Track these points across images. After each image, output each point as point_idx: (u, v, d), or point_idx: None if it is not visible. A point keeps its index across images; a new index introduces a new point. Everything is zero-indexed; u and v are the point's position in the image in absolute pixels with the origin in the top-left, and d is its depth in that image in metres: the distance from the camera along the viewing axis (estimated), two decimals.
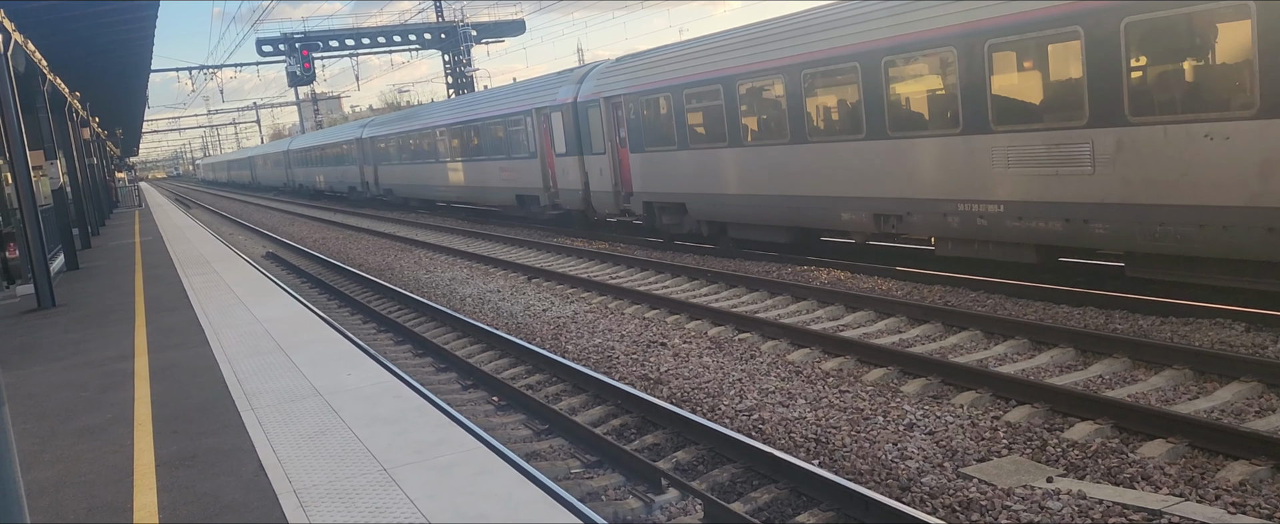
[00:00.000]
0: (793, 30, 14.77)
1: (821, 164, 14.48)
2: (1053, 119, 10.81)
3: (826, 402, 8.75)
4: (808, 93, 14.46)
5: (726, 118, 16.42)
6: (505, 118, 25.82)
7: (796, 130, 14.82)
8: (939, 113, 12.30)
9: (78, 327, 12.23)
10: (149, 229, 30.90)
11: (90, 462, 6.29)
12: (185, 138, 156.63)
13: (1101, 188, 10.37)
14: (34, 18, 15.59)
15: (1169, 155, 9.61)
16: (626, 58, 20.85)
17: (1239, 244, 9.19)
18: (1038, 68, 10.96)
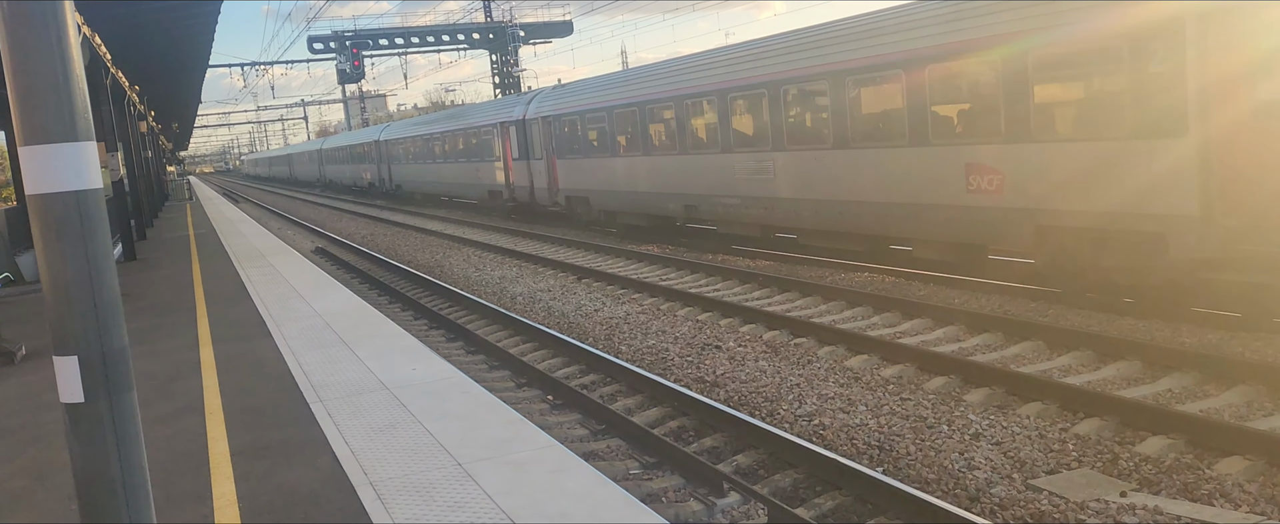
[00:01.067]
0: (643, 78, 21.74)
1: (657, 171, 20.85)
2: (757, 145, 17.20)
3: (888, 409, 8.68)
4: (650, 121, 20.94)
5: (609, 136, 22.78)
6: (480, 129, 31.96)
7: (646, 147, 21.14)
8: (709, 138, 18.77)
9: (140, 317, 12.41)
10: (201, 222, 31.35)
11: (165, 449, 6.38)
12: (233, 133, 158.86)
13: (777, 189, 16.80)
14: (102, 13, 15.87)
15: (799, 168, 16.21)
16: (558, 88, 27.58)
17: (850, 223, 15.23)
18: (752, 113, 17.33)
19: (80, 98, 2.88)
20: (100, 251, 2.98)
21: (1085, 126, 11.12)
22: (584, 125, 23.99)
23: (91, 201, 2.93)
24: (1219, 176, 9.78)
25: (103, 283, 2.99)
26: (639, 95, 21.26)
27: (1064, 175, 11.38)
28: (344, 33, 50.52)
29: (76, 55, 2.86)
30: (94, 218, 2.94)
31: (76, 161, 2.85)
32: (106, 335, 2.98)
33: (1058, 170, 11.44)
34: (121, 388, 3.02)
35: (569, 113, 24.87)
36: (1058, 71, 11.45)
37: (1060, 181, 11.44)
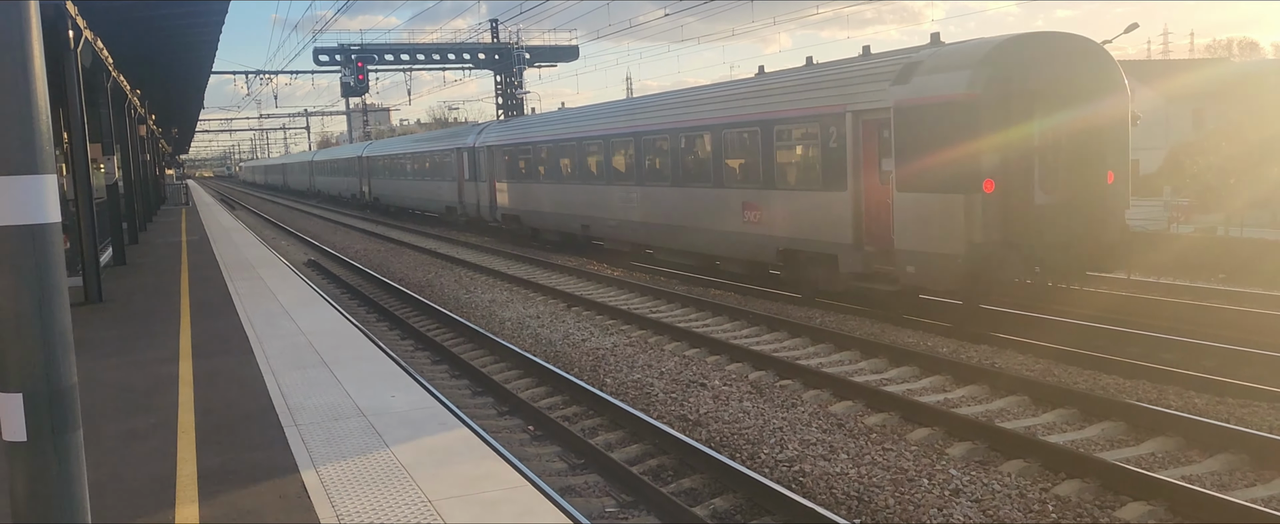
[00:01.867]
0: (556, 121, 26.65)
1: (564, 197, 25.26)
2: (626, 181, 21.60)
3: (870, 458, 8.60)
4: (560, 156, 25.35)
5: (533, 166, 27.29)
6: (442, 152, 36.67)
7: (558, 177, 25.59)
8: (598, 173, 23.14)
9: (124, 324, 12.32)
10: (195, 228, 31.26)
11: (134, 467, 6.29)
12: (235, 139, 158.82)
13: (638, 215, 21.13)
14: (105, 16, 15.86)
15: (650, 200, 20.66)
16: (500, 122, 34.61)
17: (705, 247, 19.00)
18: (623, 156, 21.87)
19: (43, 131, 2.83)
20: (53, 287, 2.91)
21: (800, 181, 16.01)
22: (516, 155, 28.72)
23: (47, 236, 2.86)
24: (863, 218, 14.63)
25: (53, 319, 2.92)
26: (552, 135, 26.15)
27: (790, 213, 16.24)
28: (350, 45, 50.60)
29: (41, 89, 2.80)
30: (49, 253, 2.87)
31: (35, 194, 2.79)
32: (54, 373, 2.91)
33: (787, 210, 16.32)
34: (67, 427, 2.94)
35: (505, 144, 29.70)
36: (787, 142, 16.35)
37: (788, 217, 16.29)
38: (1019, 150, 12.88)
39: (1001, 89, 12.73)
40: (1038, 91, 12.96)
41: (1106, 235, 13.54)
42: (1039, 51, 13.27)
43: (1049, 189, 13.16)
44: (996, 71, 12.77)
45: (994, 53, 12.96)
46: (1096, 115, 13.40)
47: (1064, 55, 13.42)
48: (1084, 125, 13.28)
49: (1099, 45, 13.89)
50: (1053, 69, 13.18)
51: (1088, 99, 13.34)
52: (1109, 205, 13.60)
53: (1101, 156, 13.51)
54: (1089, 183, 13.38)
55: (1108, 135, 13.55)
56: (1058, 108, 13.11)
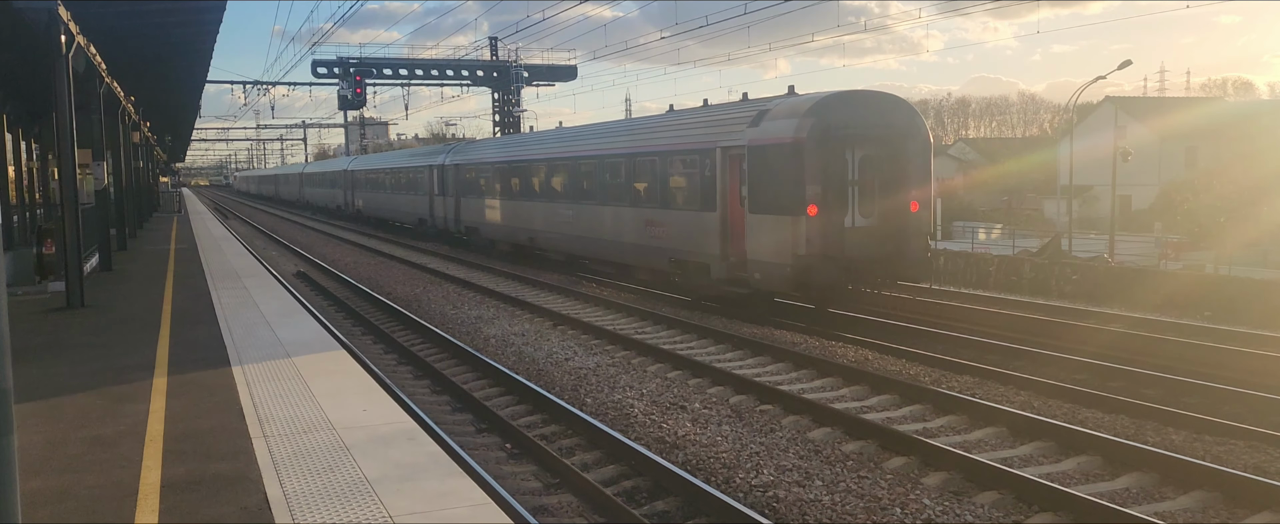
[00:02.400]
0: (507, 145, 31.21)
1: (513, 211, 28.34)
2: (561, 199, 24.45)
3: (844, 486, 8.56)
4: (510, 177, 28.48)
5: (489, 184, 30.43)
6: (417, 169, 39.66)
7: (508, 194, 28.67)
8: (540, 192, 26.15)
9: (104, 330, 12.26)
10: (185, 236, 31.19)
11: (97, 474, 6.23)
12: (232, 149, 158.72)
13: (572, 229, 23.85)
14: (99, 22, 15.87)
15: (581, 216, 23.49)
16: (465, 143, 39.28)
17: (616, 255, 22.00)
18: (559, 178, 24.89)
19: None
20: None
21: (684, 203, 19.02)
22: (476, 174, 31.90)
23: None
24: (728, 234, 17.59)
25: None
26: (505, 157, 29.65)
27: (678, 229, 19.21)
28: (349, 59, 50.73)
29: None
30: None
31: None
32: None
33: (676, 227, 19.27)
34: (1, 432, 2.90)
35: (468, 163, 32.83)
36: (676, 171, 19.37)
37: (677, 233, 19.26)
38: (836, 182, 16.00)
39: (821, 134, 15.86)
40: (852, 137, 16.15)
41: (910, 253, 16.48)
42: (855, 104, 16.49)
43: (864, 214, 16.42)
44: (818, 120, 15.90)
45: (817, 105, 16.12)
46: (901, 156, 16.45)
47: (876, 107, 16.63)
48: (891, 164, 16.38)
49: (904, 100, 17.21)
50: (865, 118, 16.34)
51: (894, 143, 16.45)
52: (913, 229, 16.59)
53: (906, 189, 16.45)
54: (896, 210, 16.46)
55: (911, 172, 16.54)
56: (869, 150, 16.32)
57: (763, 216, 16.55)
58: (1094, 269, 22.86)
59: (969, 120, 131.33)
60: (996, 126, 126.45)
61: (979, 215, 57.39)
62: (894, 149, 16.45)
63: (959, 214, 56.07)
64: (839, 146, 16.02)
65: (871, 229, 16.28)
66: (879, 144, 16.38)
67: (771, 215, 16.30)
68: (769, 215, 16.36)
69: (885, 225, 16.38)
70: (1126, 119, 52.63)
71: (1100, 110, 60.18)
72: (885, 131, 16.39)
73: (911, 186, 16.45)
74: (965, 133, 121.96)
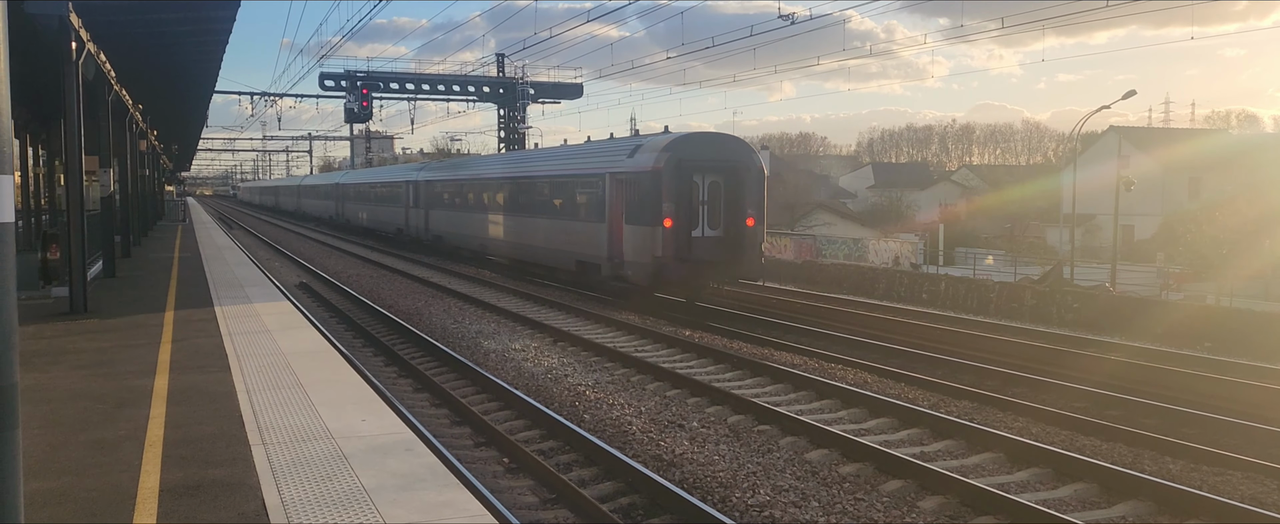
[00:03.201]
0: (463, 166, 36.44)
1: (469, 222, 33.24)
2: (503, 212, 28.99)
3: (841, 508, 8.57)
4: (467, 192, 33.53)
5: (451, 198, 35.57)
6: (396, 183, 44.82)
7: (465, 207, 33.71)
8: (489, 205, 30.78)
9: (106, 336, 12.30)
10: (189, 245, 31.26)
11: (96, 478, 6.26)
12: (238, 159, 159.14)
13: (512, 237, 28.48)
14: (109, 30, 15.99)
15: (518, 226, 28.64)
16: (434, 162, 46.36)
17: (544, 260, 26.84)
18: (501, 195, 29.58)
19: (4, 132, 2.85)
20: (2, 287, 2.92)
21: (585, 216, 23.55)
22: (440, 190, 36.99)
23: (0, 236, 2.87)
24: (613, 241, 21.82)
25: (2, 319, 2.92)
26: (460, 176, 35.21)
27: (581, 237, 23.79)
28: (356, 72, 50.96)
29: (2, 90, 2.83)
30: (1, 253, 2.88)
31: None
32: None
33: (579, 234, 23.91)
34: (5, 426, 2.93)
35: (434, 181, 38.03)
36: (581, 190, 24.02)
37: (580, 240, 23.77)
38: (686, 202, 20.77)
39: (675, 165, 20.65)
40: (700, 167, 21.05)
41: (747, 258, 21.11)
42: (704, 142, 21.70)
43: (711, 226, 21.19)
44: (673, 154, 20.76)
45: (673, 142, 21.12)
46: (740, 183, 21.04)
47: (720, 145, 21.74)
48: (731, 189, 21.11)
49: (743, 140, 22.73)
50: (711, 154, 21.30)
51: (734, 173, 21.12)
52: (749, 240, 21.18)
53: (742, 208, 21.06)
54: (736, 225, 21.09)
55: (747, 196, 21.10)
56: (714, 177, 21.21)
57: (634, 226, 21.30)
58: (1095, 298, 22.87)
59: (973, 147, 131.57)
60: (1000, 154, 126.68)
61: (981, 242, 57.37)
62: (734, 178, 21.15)
63: (961, 240, 56.06)
64: (689, 174, 20.84)
65: (716, 238, 21.23)
66: (722, 173, 21.20)
67: (640, 226, 21.03)
68: (638, 226, 21.10)
69: (727, 236, 21.16)
70: (1130, 149, 52.73)
71: (1104, 139, 60.30)
72: (727, 164, 21.20)
73: (748, 207, 21.14)
74: (969, 159, 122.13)
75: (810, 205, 70.07)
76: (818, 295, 25.78)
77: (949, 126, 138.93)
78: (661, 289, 21.74)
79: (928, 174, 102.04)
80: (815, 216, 65.71)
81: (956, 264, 46.89)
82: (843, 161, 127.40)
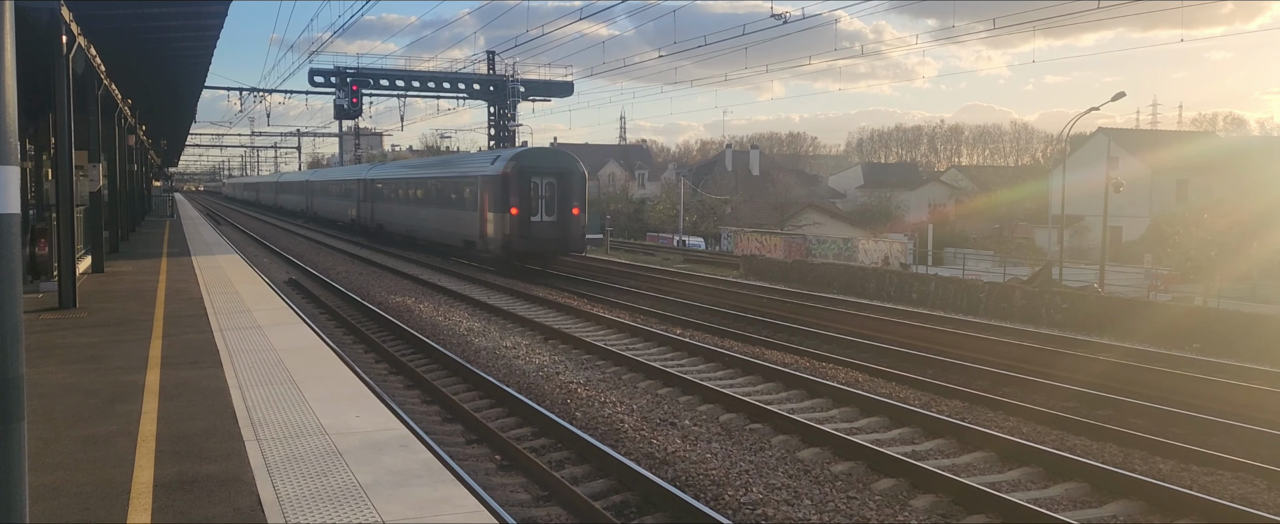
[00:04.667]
0: (395, 167, 45.78)
1: (398, 213, 40.83)
2: (419, 204, 37.64)
3: (833, 506, 8.59)
4: (398, 189, 40.76)
5: (386, 193, 42.75)
6: (348, 181, 52.59)
7: (395, 200, 41.20)
8: (410, 198, 39.32)
9: (95, 331, 12.24)
10: (177, 240, 31.13)
11: (89, 473, 6.23)
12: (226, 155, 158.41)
13: (424, 223, 37.21)
14: (100, 24, 15.91)
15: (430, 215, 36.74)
16: (376, 164, 58.92)
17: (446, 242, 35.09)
18: (421, 192, 38.06)
19: (9, 122, 2.84)
20: (8, 280, 2.90)
21: (466, 207, 31.23)
22: (380, 187, 44.48)
23: (6, 227, 2.85)
24: (482, 225, 29.98)
25: (7, 310, 2.91)
26: (394, 176, 43.11)
27: (464, 222, 31.48)
28: (346, 68, 50.77)
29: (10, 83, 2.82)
30: (6, 244, 2.87)
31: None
32: (2, 364, 2.88)
33: (463, 220, 31.74)
34: (10, 418, 2.91)
35: (375, 179, 45.94)
36: (466, 188, 31.50)
37: (464, 224, 31.49)
38: (527, 197, 28.94)
39: (519, 171, 28.96)
40: (537, 172, 29.27)
41: (573, 239, 29.70)
42: (541, 155, 31.41)
43: (547, 215, 29.27)
44: (517, 163, 29.23)
45: (517, 155, 30.07)
46: (568, 185, 29.51)
47: (553, 156, 31.34)
48: (561, 189, 29.35)
49: (570, 153, 31.92)
50: (546, 163, 29.95)
51: (564, 177, 29.58)
52: (575, 225, 29.59)
53: (569, 201, 29.41)
54: (565, 214, 29.39)
55: (573, 193, 29.52)
56: (548, 179, 29.37)
57: (493, 214, 29.54)
58: (1084, 298, 22.95)
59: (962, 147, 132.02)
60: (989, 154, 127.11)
61: (971, 243, 57.55)
62: (564, 180, 29.58)
63: (950, 241, 56.21)
64: (529, 177, 29.19)
65: (550, 222, 29.39)
66: (555, 176, 29.55)
67: (497, 213, 29.28)
68: (495, 213, 29.38)
69: (558, 221, 29.44)
70: (1119, 151, 52.91)
71: (1093, 141, 60.55)
72: (558, 170, 29.71)
73: (573, 201, 29.58)
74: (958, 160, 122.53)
75: (800, 205, 70.19)
76: (808, 295, 25.83)
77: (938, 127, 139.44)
78: (514, 260, 29.74)
79: (917, 174, 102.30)
80: (805, 216, 65.84)
81: (945, 264, 47.02)
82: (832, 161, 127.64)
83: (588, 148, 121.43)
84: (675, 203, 69.01)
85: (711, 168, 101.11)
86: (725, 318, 20.78)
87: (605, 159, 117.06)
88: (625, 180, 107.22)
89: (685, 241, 59.29)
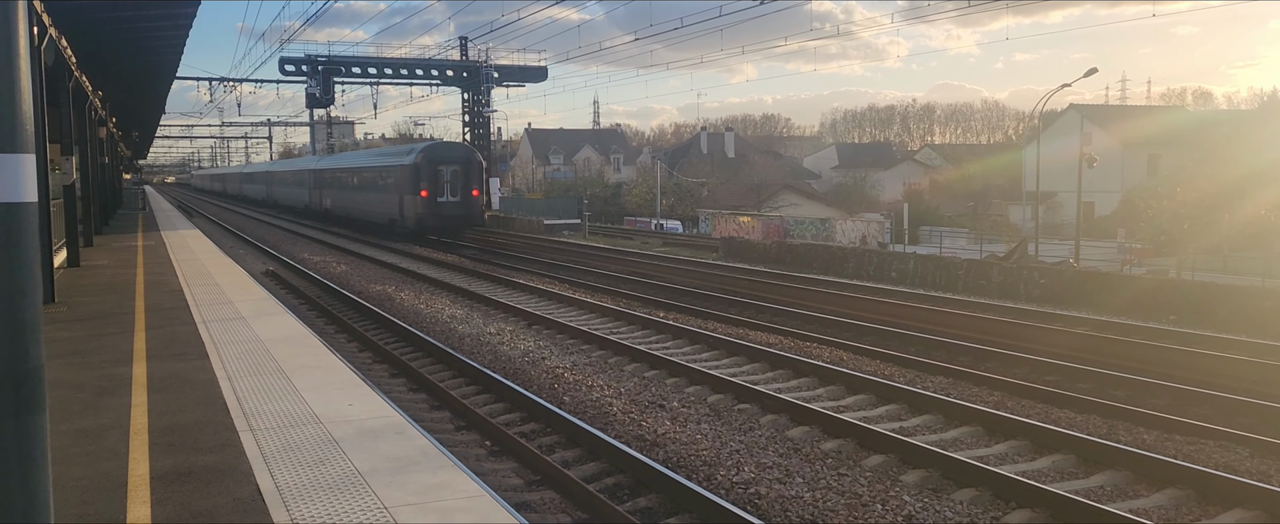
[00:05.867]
0: (336, 159, 55.52)
1: (339, 197, 48.54)
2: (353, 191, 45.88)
3: (825, 483, 8.66)
4: (339, 176, 49.01)
5: (329, 182, 50.54)
6: (301, 171, 59.98)
7: (336, 187, 49.14)
8: (348, 185, 47.03)
9: (76, 325, 12.13)
10: (151, 233, 30.85)
11: (84, 466, 6.19)
12: (196, 146, 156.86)
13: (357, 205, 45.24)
14: (72, 16, 15.70)
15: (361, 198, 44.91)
16: (324, 156, 69.14)
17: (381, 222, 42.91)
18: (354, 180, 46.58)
19: (25, 110, 2.81)
20: (27, 268, 2.88)
21: (392, 190, 38.63)
22: (327, 176, 51.42)
23: (23, 215, 2.83)
24: (402, 207, 39.13)
25: (26, 301, 2.88)
26: (336, 166, 50.62)
27: (389, 204, 39.07)
28: (317, 57, 50.35)
29: (25, 68, 2.79)
30: (24, 233, 2.85)
31: (14, 174, 2.77)
32: (22, 354, 2.86)
33: (388, 202, 39.22)
34: (32, 409, 2.89)
35: (322, 169, 53.13)
36: (392, 175, 39.07)
37: (389, 206, 39.10)
38: (434, 181, 35.88)
39: (427, 161, 36.15)
40: (442, 161, 36.52)
41: (474, 216, 37.02)
42: (445, 147, 39.75)
43: (451, 196, 36.23)
44: (426, 155, 36.66)
45: (426, 148, 37.95)
46: (469, 172, 36.49)
47: (456, 148, 39.56)
48: (463, 175, 36.30)
49: (469, 146, 43.22)
50: (450, 154, 37.45)
51: (464, 165, 36.68)
52: (475, 205, 36.93)
53: (469, 185, 36.41)
54: (466, 195, 36.45)
55: (472, 178, 36.65)
56: (453, 167, 36.35)
57: (407, 196, 36.78)
58: (1061, 273, 23.18)
59: (934, 126, 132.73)
60: (961, 133, 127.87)
61: (945, 221, 57.90)
62: (464, 167, 36.92)
63: (926, 219, 56.52)
64: (435, 165, 36.37)
65: (455, 203, 36.51)
66: (457, 165, 36.73)
67: (410, 195, 36.46)
68: (409, 195, 36.57)
69: (461, 201, 36.62)
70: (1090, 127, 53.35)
71: (1064, 117, 60.98)
72: (460, 160, 37.15)
73: (473, 185, 36.93)
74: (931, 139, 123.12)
75: (776, 186, 70.33)
76: (789, 276, 25.94)
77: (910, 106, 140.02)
78: (427, 233, 37.16)
79: (891, 154, 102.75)
80: (781, 197, 66.02)
81: (922, 243, 47.32)
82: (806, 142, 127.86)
83: (563, 132, 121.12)
84: (652, 187, 69.00)
85: (687, 151, 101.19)
86: (707, 300, 20.84)
87: (580, 144, 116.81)
88: (601, 164, 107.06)
89: (663, 225, 59.35)
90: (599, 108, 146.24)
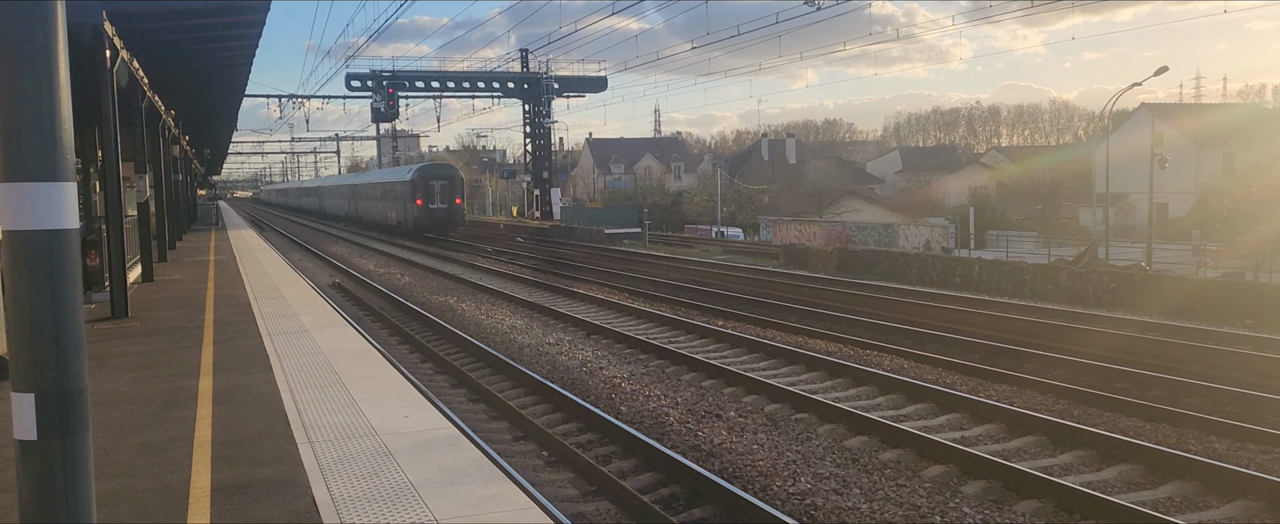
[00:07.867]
0: (340, 179, 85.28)
1: (363, 206, 62.57)
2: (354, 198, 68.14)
3: (883, 494, 8.56)
4: (365, 191, 62.66)
5: (359, 194, 64.45)
6: (340, 187, 72.89)
7: (362, 198, 63.19)
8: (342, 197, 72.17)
9: (148, 339, 12.46)
10: (223, 248, 31.58)
11: (148, 479, 6.35)
12: (267, 161, 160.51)
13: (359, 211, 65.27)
14: (142, 38, 16.16)
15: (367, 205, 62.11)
16: (323, 177, 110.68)
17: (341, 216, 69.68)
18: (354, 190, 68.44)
19: (65, 139, 2.91)
20: (68, 291, 2.98)
21: (397, 199, 52.29)
22: (358, 190, 62.90)
23: (65, 241, 2.93)
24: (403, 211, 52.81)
25: (68, 323, 2.98)
26: (362, 182, 64.23)
27: (397, 209, 51.51)
28: (382, 72, 51.24)
29: (65, 99, 2.89)
30: (66, 258, 2.94)
31: (55, 201, 2.86)
32: (66, 374, 2.96)
33: (393, 209, 52.41)
34: (75, 428, 2.98)
35: (356, 185, 64.26)
36: (393, 189, 52.68)
37: (394, 211, 52.49)
38: (429, 194, 47.73)
39: (421, 178, 48.25)
40: (433, 177, 48.66)
41: (456, 218, 49.24)
42: (434, 166, 52.79)
43: (440, 203, 48.11)
44: (420, 173, 48.92)
45: (420, 167, 50.97)
46: (452, 185, 48.98)
47: (442, 167, 53.38)
48: (448, 189, 48.52)
49: (453, 165, 62.84)
50: (438, 172, 50.21)
51: (449, 180, 49.21)
52: (458, 212, 49.54)
53: (453, 195, 48.82)
54: (451, 203, 48.73)
55: (454, 189, 48.95)
56: (441, 183, 48.35)
57: (408, 204, 47.97)
58: (1132, 277, 22.65)
59: (1000, 128, 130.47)
60: (1029, 134, 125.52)
61: (1012, 224, 56.86)
62: (449, 182, 48.40)
63: (993, 223, 55.57)
64: (427, 181, 47.48)
65: (442, 209, 47.54)
66: (444, 180, 48.28)
67: (407, 202, 47.74)
68: (406, 202, 47.80)
69: (447, 208, 47.79)
70: (1162, 126, 52.06)
71: (1136, 117, 59.55)
72: (445, 176, 48.96)
73: (455, 195, 48.44)
74: (997, 141, 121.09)
75: (838, 192, 69.77)
76: (849, 282, 25.70)
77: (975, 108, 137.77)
78: (422, 233, 47.12)
79: (956, 157, 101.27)
80: (844, 203, 65.41)
81: (988, 247, 46.52)
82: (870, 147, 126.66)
83: (624, 142, 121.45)
84: (712, 194, 68.90)
85: (747, 157, 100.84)
86: (766, 308, 20.74)
87: (641, 152, 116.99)
88: (661, 173, 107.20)
89: (723, 233, 59.17)
90: (659, 116, 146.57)
